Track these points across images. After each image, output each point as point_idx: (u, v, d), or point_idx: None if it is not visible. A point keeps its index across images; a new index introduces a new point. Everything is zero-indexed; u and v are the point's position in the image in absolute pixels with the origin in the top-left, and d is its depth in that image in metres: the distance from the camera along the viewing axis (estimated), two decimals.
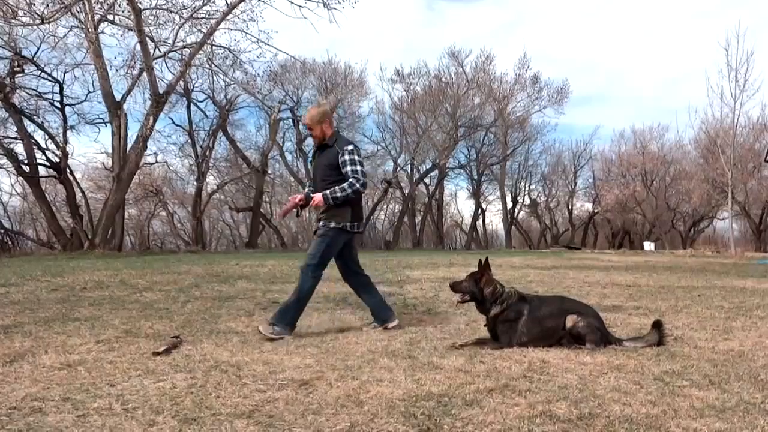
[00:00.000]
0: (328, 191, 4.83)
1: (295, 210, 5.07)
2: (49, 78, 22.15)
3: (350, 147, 4.90)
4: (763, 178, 34.25)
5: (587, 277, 10.49)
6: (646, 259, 18.50)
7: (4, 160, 22.25)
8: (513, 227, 42.89)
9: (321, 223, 4.96)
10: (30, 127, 21.77)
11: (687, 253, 24.02)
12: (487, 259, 4.58)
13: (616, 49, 66.18)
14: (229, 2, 20.31)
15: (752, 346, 4.41)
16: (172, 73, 22.00)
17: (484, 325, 4.51)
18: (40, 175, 22.18)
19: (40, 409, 2.85)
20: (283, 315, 4.81)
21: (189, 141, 29.54)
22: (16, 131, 21.12)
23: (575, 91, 50.49)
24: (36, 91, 22.08)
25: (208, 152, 30.10)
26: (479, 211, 41.05)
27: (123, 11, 19.91)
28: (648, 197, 38.82)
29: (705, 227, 43.09)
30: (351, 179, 4.81)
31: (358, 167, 4.84)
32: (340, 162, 4.88)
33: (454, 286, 4.58)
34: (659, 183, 39.21)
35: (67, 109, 22.94)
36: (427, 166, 36.41)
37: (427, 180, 37.59)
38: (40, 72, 21.75)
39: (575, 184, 43.96)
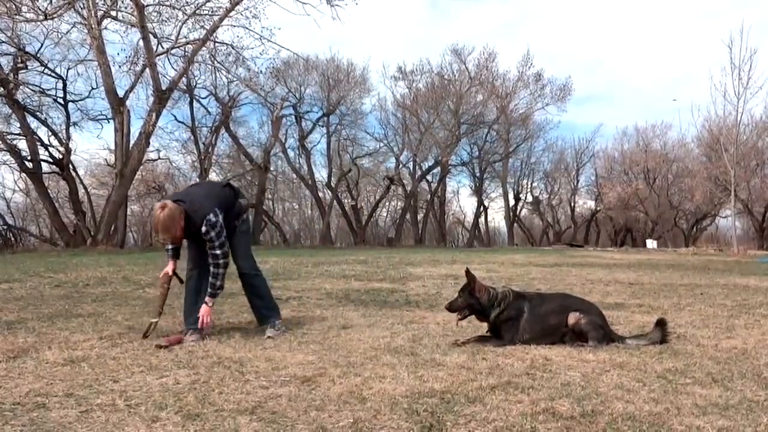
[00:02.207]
0: (208, 300, 4.57)
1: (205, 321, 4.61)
2: (52, 74, 22.21)
3: (203, 229, 4.43)
4: (766, 176, 34.21)
5: (590, 275, 10.48)
6: (648, 257, 18.49)
7: (8, 157, 22.32)
8: (515, 225, 42.88)
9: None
10: (33, 123, 21.89)
11: (689, 251, 24.01)
12: (467, 268, 4.62)
13: (619, 48, 66.13)
14: None
15: (755, 344, 4.41)
16: (175, 70, 22.08)
17: (487, 331, 4.51)
18: (43, 171, 22.23)
19: (44, 404, 2.86)
20: (274, 310, 5.00)
21: (191, 137, 29.61)
22: (20, 127, 21.19)
23: (578, 90, 50.47)
24: (39, 87, 22.16)
25: (210, 149, 30.13)
26: (481, 209, 41.04)
27: (126, 7, 19.92)
28: (650, 195, 38.82)
29: (708, 225, 43.04)
30: (212, 263, 4.52)
31: (215, 241, 4.46)
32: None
33: (451, 306, 4.56)
34: (662, 181, 39.19)
35: (70, 105, 23.05)
36: (430, 163, 36.46)
37: (429, 177, 37.62)
38: (43, 68, 21.82)
39: (578, 181, 44.02)
